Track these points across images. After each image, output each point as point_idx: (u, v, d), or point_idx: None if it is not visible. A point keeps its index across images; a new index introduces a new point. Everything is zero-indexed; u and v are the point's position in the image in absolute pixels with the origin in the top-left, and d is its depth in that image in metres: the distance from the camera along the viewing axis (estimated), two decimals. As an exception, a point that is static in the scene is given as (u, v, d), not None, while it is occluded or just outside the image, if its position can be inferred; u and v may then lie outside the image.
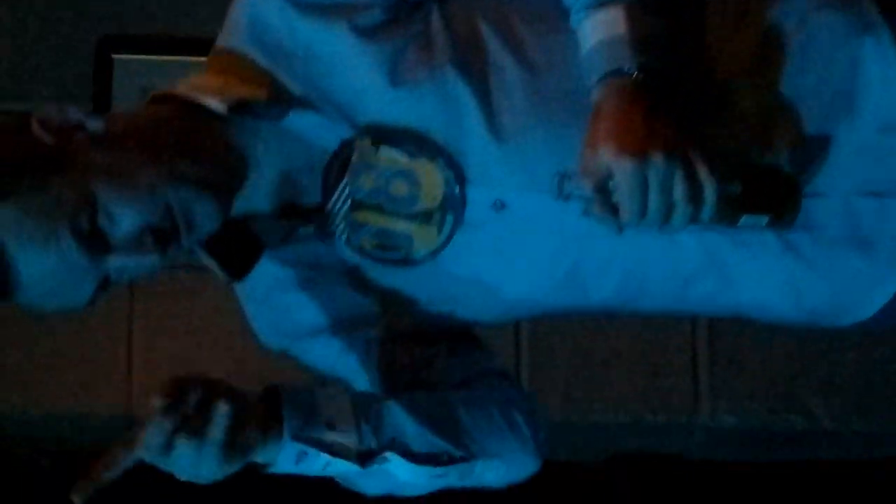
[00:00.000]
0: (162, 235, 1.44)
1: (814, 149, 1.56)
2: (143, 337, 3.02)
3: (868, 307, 1.67)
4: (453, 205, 1.54)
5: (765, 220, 1.46)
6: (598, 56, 1.46)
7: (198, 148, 1.51)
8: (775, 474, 3.19)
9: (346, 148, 1.53)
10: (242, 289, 1.69)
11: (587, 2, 1.48)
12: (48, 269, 1.44)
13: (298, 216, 1.59)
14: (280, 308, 1.67)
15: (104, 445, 2.77)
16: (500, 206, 1.55)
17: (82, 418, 2.99)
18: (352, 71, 1.54)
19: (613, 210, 1.38)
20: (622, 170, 1.35)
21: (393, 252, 1.56)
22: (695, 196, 1.37)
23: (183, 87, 1.55)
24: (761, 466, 3.21)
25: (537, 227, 1.57)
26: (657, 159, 1.35)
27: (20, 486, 3.08)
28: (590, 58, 1.48)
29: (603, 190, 1.38)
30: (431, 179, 1.52)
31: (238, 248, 1.59)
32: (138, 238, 1.43)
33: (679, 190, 1.35)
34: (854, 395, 3.09)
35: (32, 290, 1.45)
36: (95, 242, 1.43)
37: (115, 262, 1.45)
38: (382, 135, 1.52)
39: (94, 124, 1.48)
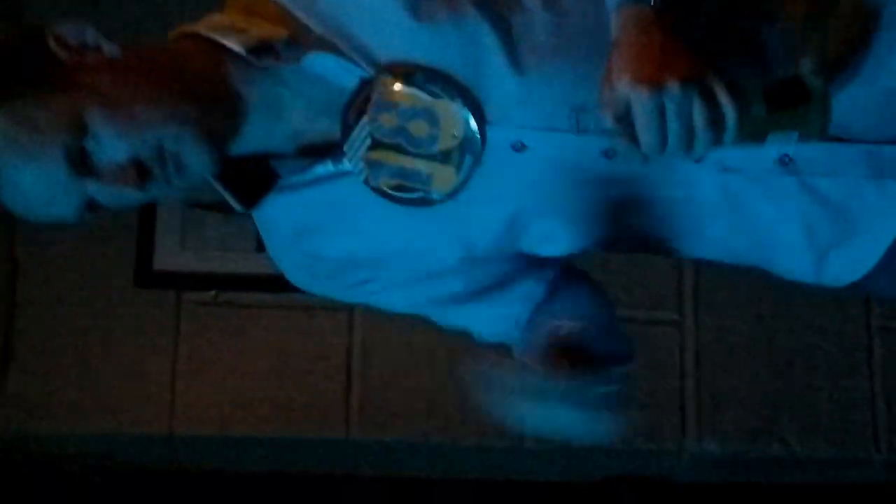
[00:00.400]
0: (146, 173, 1.45)
1: (840, 94, 1.50)
2: (187, 367, 3.10)
3: (875, 249, 1.65)
4: (472, 145, 1.53)
5: (793, 135, 1.46)
6: None
7: (206, 94, 1.51)
8: (754, 496, 3.33)
9: (366, 87, 1.52)
10: (268, 235, 1.70)
11: None
12: (30, 180, 1.46)
13: (317, 154, 1.58)
14: (310, 252, 1.69)
15: (147, 464, 2.90)
16: (519, 146, 1.55)
17: (128, 438, 3.08)
18: (373, 8, 1.54)
19: (635, 141, 1.37)
20: (639, 99, 1.33)
21: (411, 192, 1.55)
22: (715, 120, 1.34)
23: (204, 25, 1.55)
24: (741, 488, 3.33)
25: (557, 168, 1.56)
26: (673, 86, 1.33)
27: (69, 499, 3.18)
28: None
29: (623, 121, 1.36)
30: (451, 119, 1.51)
31: (253, 179, 1.59)
32: (123, 169, 1.44)
33: (698, 115, 1.33)
34: (824, 424, 3.16)
35: (14, 193, 1.47)
36: (81, 164, 1.45)
37: (95, 187, 1.46)
38: (403, 73, 1.51)
39: (111, 49, 1.49)
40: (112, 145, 1.43)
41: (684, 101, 1.32)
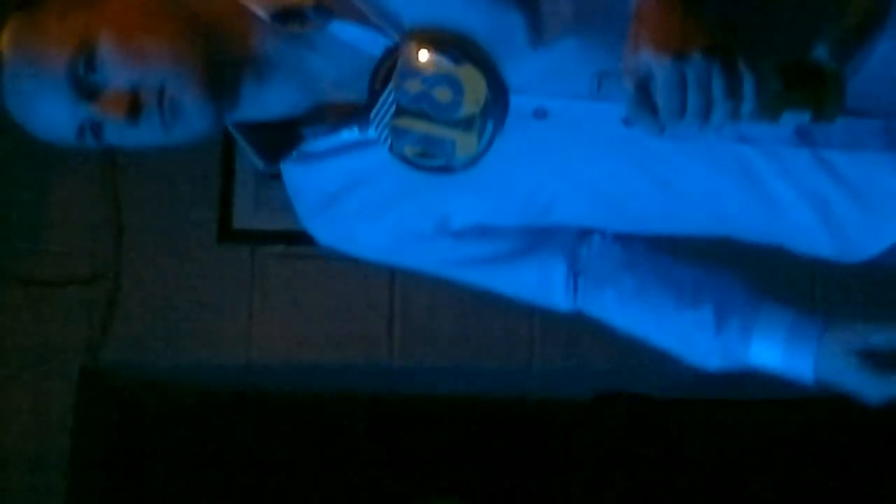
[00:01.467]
0: (140, 107, 1.44)
1: (859, 67, 1.50)
2: (261, 308, 3.37)
3: (893, 229, 1.64)
4: (495, 112, 1.51)
5: (807, 115, 1.42)
6: None
7: (221, 49, 1.49)
8: (723, 408, 3.49)
9: (391, 54, 1.51)
10: (297, 201, 1.71)
11: None
12: (32, 89, 1.45)
13: (344, 119, 1.57)
14: (337, 217, 1.69)
15: (227, 389, 3.28)
16: (541, 113, 1.54)
17: (213, 366, 3.37)
18: None
19: (654, 110, 1.34)
20: (661, 68, 1.31)
21: (434, 159, 1.55)
22: (734, 92, 1.32)
23: None
24: (720, 404, 3.48)
25: (578, 136, 1.55)
26: (695, 56, 1.30)
27: (169, 418, 3.47)
28: None
29: (643, 90, 1.34)
30: (474, 86, 1.49)
31: (279, 141, 1.59)
32: (119, 97, 1.43)
33: (718, 86, 1.31)
34: None
35: (17, 101, 1.47)
36: (80, 83, 1.44)
37: (89, 111, 1.45)
38: (427, 40, 1.49)
39: None
40: (115, 71, 1.43)
41: (705, 72, 1.30)
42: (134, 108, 1.42)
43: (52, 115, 1.46)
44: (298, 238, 3.26)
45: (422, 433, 3.56)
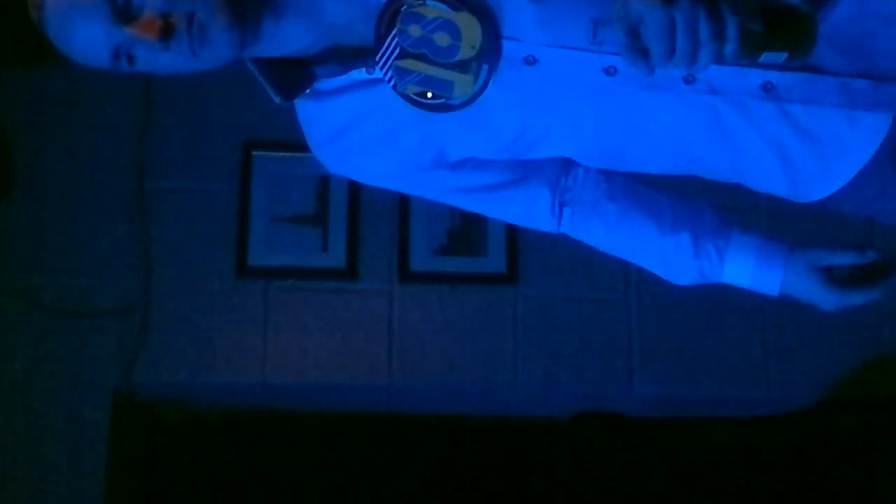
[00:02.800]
0: (172, 31, 1.48)
1: (821, 28, 1.50)
2: (274, 334, 3.50)
3: (843, 174, 1.70)
4: (489, 56, 1.56)
5: (784, 55, 1.45)
6: None
7: None
8: (688, 427, 3.60)
9: (396, 0, 1.56)
10: (309, 133, 1.75)
11: None
12: (72, 13, 1.50)
13: (352, 59, 1.63)
14: (346, 148, 1.74)
15: (243, 406, 3.36)
16: (531, 60, 1.58)
17: (232, 385, 3.48)
18: None
19: (644, 53, 1.37)
20: (651, 13, 1.33)
21: (434, 98, 1.60)
22: (719, 34, 1.34)
23: None
24: (678, 421, 3.61)
25: (563, 82, 1.60)
26: (683, 2, 1.33)
27: (193, 432, 3.51)
28: None
29: (634, 34, 1.36)
30: (471, 31, 1.53)
31: (292, 74, 1.65)
32: (153, 21, 1.48)
33: (704, 29, 1.33)
34: (735, 369, 3.55)
35: (58, 25, 1.52)
36: (117, 10, 1.49)
37: (125, 34, 1.50)
38: None
39: None
40: None
41: (692, 16, 1.33)
42: (166, 31, 1.47)
43: (91, 39, 1.50)
44: (305, 274, 3.51)
45: (416, 448, 3.59)
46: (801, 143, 1.66)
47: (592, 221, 1.84)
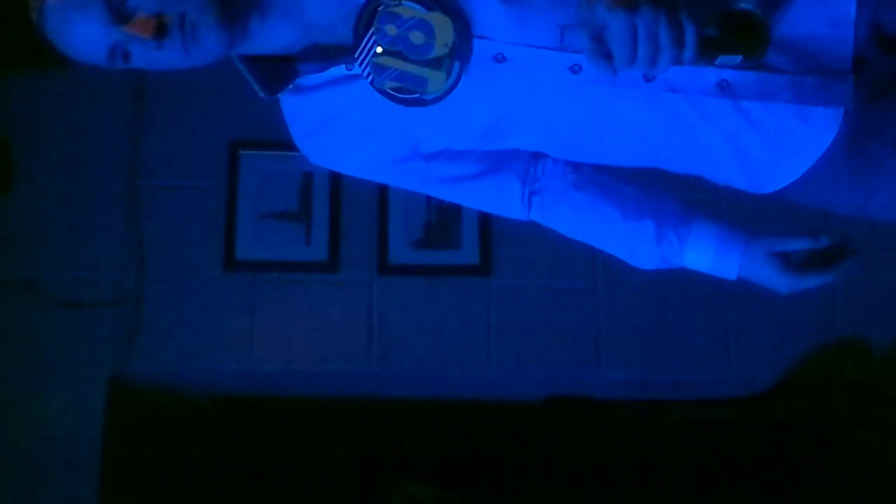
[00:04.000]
0: (165, 30, 1.52)
1: (774, 31, 1.56)
2: (261, 324, 3.57)
3: (797, 168, 1.73)
4: (461, 54, 1.60)
5: (739, 58, 1.51)
6: None
7: None
8: (653, 409, 3.78)
9: (374, 1, 1.60)
10: (293, 126, 1.78)
11: None
12: (70, 12, 1.53)
13: (333, 57, 1.66)
14: (328, 140, 1.77)
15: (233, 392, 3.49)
16: (501, 58, 1.61)
17: (220, 372, 3.55)
18: None
19: (608, 57, 1.41)
20: (615, 20, 1.38)
21: (409, 93, 1.64)
22: (678, 40, 1.38)
23: None
24: (645, 403, 3.79)
25: (531, 79, 1.63)
26: (645, 10, 1.37)
27: (184, 417, 3.67)
28: None
29: (598, 40, 1.40)
30: (444, 30, 1.57)
31: (276, 71, 1.69)
32: (147, 20, 1.51)
33: (664, 35, 1.37)
34: (697, 353, 3.59)
35: (57, 24, 1.54)
36: (114, 10, 1.52)
37: (121, 33, 1.53)
38: None
39: None
40: None
41: (653, 22, 1.37)
42: (159, 30, 1.51)
43: (88, 38, 1.53)
44: (289, 267, 3.58)
45: (397, 431, 3.71)
46: (755, 138, 1.69)
47: (560, 209, 1.88)
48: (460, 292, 3.63)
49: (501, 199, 1.88)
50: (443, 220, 3.59)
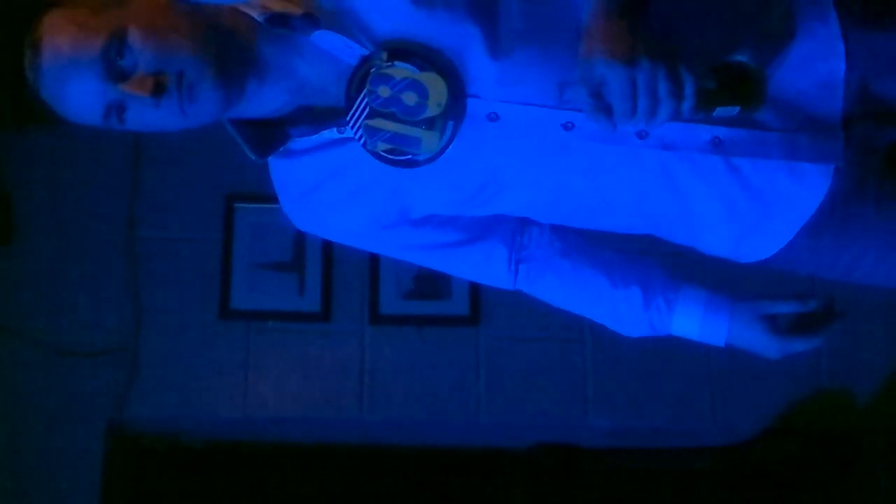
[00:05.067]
0: (162, 88, 1.50)
1: (768, 91, 1.56)
2: (255, 371, 3.62)
3: (788, 229, 1.70)
4: (454, 113, 1.57)
5: (736, 109, 1.50)
6: None
7: (231, 46, 1.57)
8: (639, 456, 3.74)
9: (365, 62, 1.57)
10: (282, 190, 1.76)
11: None
12: (69, 71, 1.51)
13: (324, 119, 1.64)
14: (317, 205, 1.75)
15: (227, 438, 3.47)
16: (494, 117, 1.58)
17: (215, 418, 3.60)
18: None
19: (607, 111, 1.39)
20: (615, 75, 1.37)
21: (402, 155, 1.60)
22: (677, 93, 1.37)
23: (239, 3, 1.61)
24: (630, 451, 3.76)
25: (524, 138, 1.60)
26: (644, 64, 1.36)
27: (184, 462, 3.69)
28: None
29: (597, 95, 1.39)
30: (437, 90, 1.55)
31: (269, 137, 1.66)
32: (145, 79, 1.49)
33: (663, 88, 1.36)
34: (682, 402, 3.59)
35: (52, 83, 1.53)
36: (111, 68, 1.51)
37: (118, 91, 1.51)
38: (397, 51, 1.56)
39: None
40: (143, 55, 1.50)
41: (652, 76, 1.36)
42: (157, 88, 1.49)
43: (85, 96, 1.52)
44: (283, 316, 3.64)
45: (387, 477, 3.71)
46: (747, 198, 1.66)
47: (546, 278, 1.87)
48: (450, 342, 3.67)
49: (488, 266, 1.86)
50: (433, 272, 3.39)
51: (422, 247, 1.81)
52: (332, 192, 1.72)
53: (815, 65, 1.63)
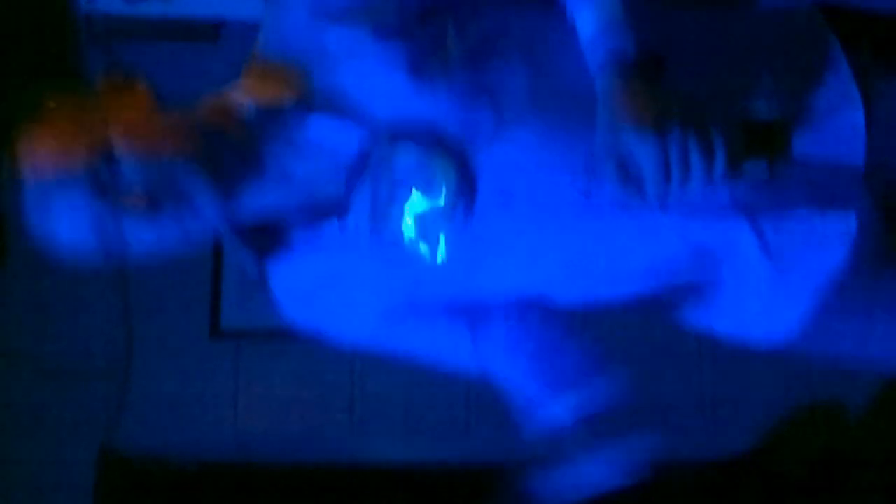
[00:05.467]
0: (156, 200, 1.44)
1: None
2: (245, 390, 3.64)
3: (807, 298, 1.63)
4: (464, 197, 1.49)
5: (765, 165, 1.45)
6: (600, 40, 1.41)
7: (221, 146, 1.49)
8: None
9: (365, 150, 1.50)
10: (281, 292, 1.69)
11: None
12: (53, 192, 1.43)
13: (325, 213, 1.57)
14: (327, 304, 1.67)
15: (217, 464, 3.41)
16: (507, 194, 1.51)
17: (206, 439, 3.63)
18: (375, 71, 1.49)
19: (639, 186, 1.34)
20: (645, 145, 1.31)
21: (409, 244, 1.53)
22: (709, 159, 1.32)
23: (227, 92, 1.55)
24: None
25: (539, 212, 1.53)
26: (674, 132, 1.31)
27: (171, 482, 3.64)
28: (592, 43, 1.43)
29: (624, 166, 1.34)
30: (444, 175, 1.48)
31: (265, 237, 1.60)
32: (138, 197, 1.43)
33: (696, 156, 1.31)
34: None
35: (39, 211, 1.46)
36: (100, 184, 1.42)
37: (110, 208, 1.43)
38: (398, 133, 1.48)
39: (151, 96, 1.48)
40: (131, 168, 1.43)
41: (683, 144, 1.31)
42: (151, 201, 1.43)
43: (74, 217, 1.43)
44: (273, 336, 3.54)
45: (379, 497, 3.71)
46: (769, 263, 1.61)
47: (498, 363, 1.80)
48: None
49: (453, 352, 1.79)
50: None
51: (424, 341, 1.76)
52: (337, 290, 1.66)
53: (835, 114, 1.59)
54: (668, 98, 1.35)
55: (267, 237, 1.60)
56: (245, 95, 1.52)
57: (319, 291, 1.65)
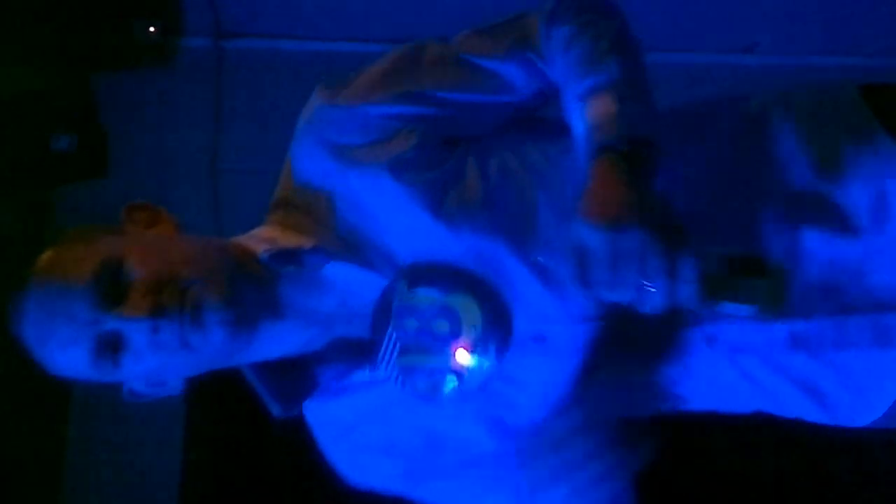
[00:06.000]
0: (163, 309, 1.35)
1: (790, 291, 1.39)
2: None
3: (882, 402, 1.53)
4: (496, 335, 1.43)
5: (748, 308, 1.27)
6: (589, 137, 1.34)
7: (243, 274, 1.44)
8: None
9: (387, 295, 1.45)
10: (318, 433, 1.61)
11: (578, 94, 1.38)
12: (54, 301, 1.36)
13: (355, 354, 1.52)
14: (356, 449, 1.60)
15: None
16: (540, 338, 1.45)
17: None
18: (396, 209, 1.46)
19: (586, 280, 1.23)
20: (593, 238, 1.20)
21: (442, 390, 1.46)
22: (670, 271, 1.19)
23: (244, 237, 1.53)
24: None
25: (574, 356, 1.46)
26: (630, 229, 1.19)
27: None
28: (582, 141, 1.36)
29: (582, 263, 1.23)
30: (469, 313, 1.42)
31: (293, 379, 1.53)
32: (141, 299, 1.35)
33: (653, 264, 1.19)
34: None
35: (33, 312, 1.37)
36: (104, 294, 1.35)
37: (112, 321, 1.35)
38: (418, 276, 1.43)
39: (175, 231, 1.48)
40: (141, 276, 1.37)
41: (640, 246, 1.18)
42: (156, 309, 1.34)
43: (71, 329, 1.35)
44: None
45: None
46: (837, 383, 1.52)
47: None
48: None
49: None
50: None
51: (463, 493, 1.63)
52: (370, 435, 1.60)
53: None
54: (646, 202, 1.26)
55: (296, 377, 1.56)
56: (261, 243, 1.50)
57: (354, 434, 1.61)
